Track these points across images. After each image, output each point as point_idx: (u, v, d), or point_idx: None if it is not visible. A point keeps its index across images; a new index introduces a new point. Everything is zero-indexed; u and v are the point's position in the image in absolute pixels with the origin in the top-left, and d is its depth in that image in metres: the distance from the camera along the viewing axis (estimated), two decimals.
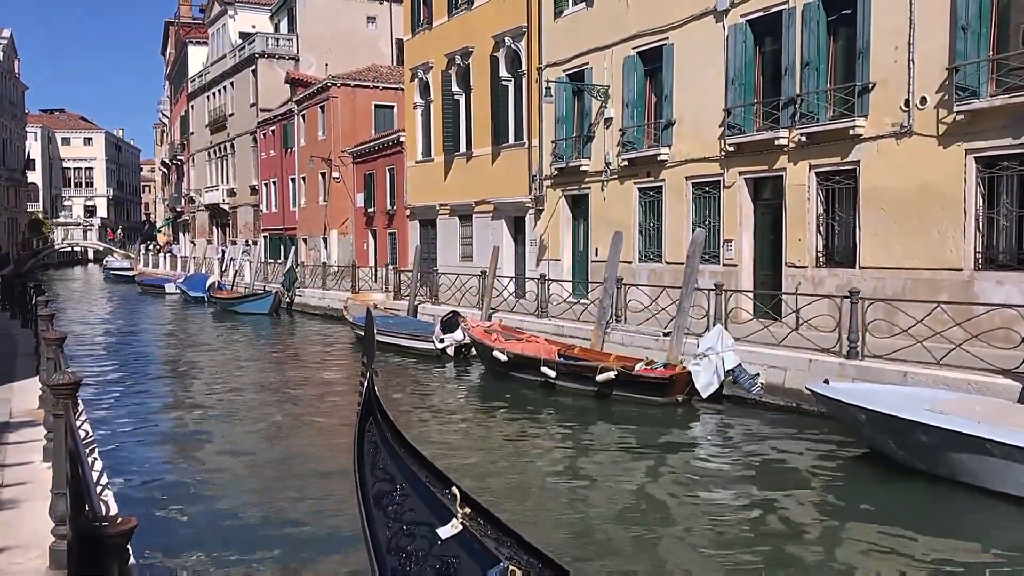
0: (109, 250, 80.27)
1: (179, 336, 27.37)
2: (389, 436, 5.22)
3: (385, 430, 5.28)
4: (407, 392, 16.26)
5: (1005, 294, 12.75)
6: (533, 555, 4.08)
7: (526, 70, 24.68)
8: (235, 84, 52.73)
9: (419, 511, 4.63)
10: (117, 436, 12.06)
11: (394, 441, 5.19)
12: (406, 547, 4.44)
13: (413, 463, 4.97)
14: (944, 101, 13.91)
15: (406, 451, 5.08)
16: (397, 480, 4.89)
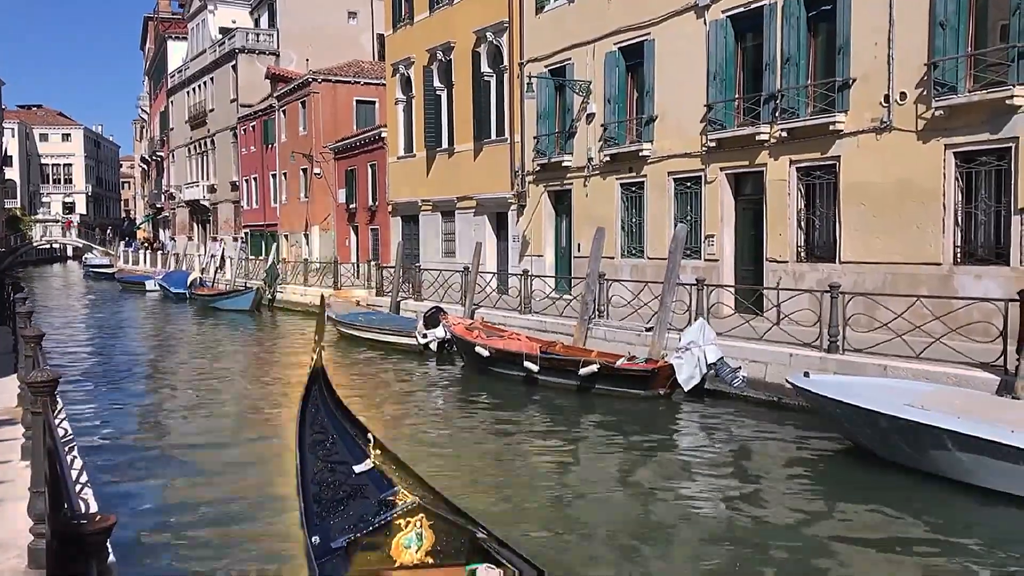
0: (89, 247, 79.57)
1: (160, 333, 27.19)
2: (329, 400, 6.41)
3: (327, 395, 6.46)
4: (389, 388, 16.24)
5: (983, 288, 12.86)
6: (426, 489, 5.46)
7: (508, 65, 24.67)
8: (215, 79, 52.38)
9: (342, 454, 5.87)
10: (97, 434, 11.98)
11: (332, 404, 6.40)
12: (327, 479, 5.64)
13: (344, 420, 6.28)
14: (923, 97, 14.02)
15: (341, 412, 6.38)
16: (328, 432, 6.13)
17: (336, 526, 5.20)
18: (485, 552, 5.02)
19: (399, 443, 11.36)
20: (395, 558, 4.99)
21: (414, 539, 5.05)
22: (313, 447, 5.94)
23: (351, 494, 5.45)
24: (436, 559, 5.09)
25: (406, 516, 5.07)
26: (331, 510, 5.40)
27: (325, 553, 4.97)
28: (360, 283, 30.25)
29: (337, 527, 5.18)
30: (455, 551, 5.12)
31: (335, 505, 5.43)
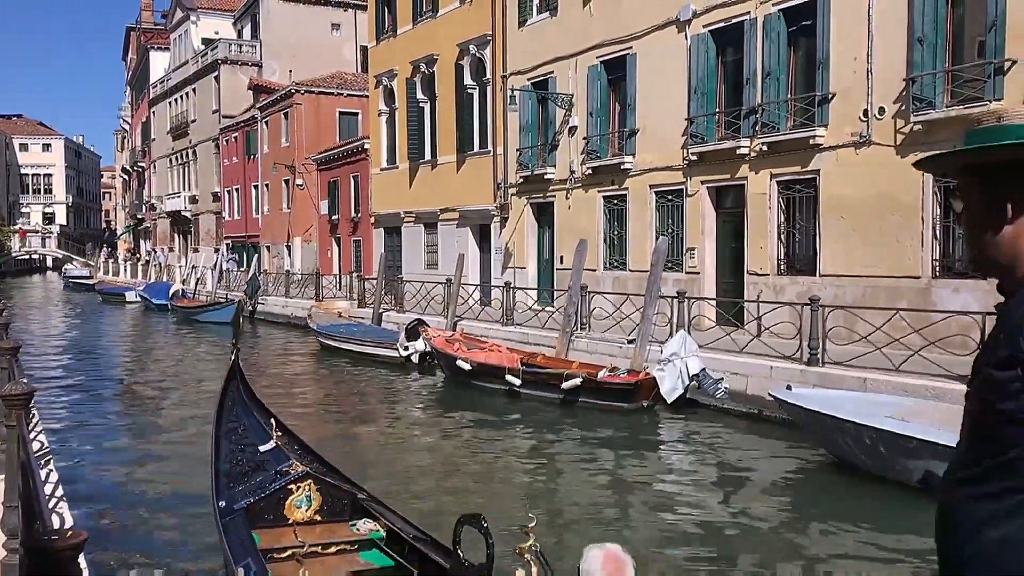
0: (69, 257, 78.96)
1: (140, 346, 26.98)
2: (243, 392, 7.31)
3: (241, 388, 7.33)
4: (370, 400, 16.18)
5: (962, 301, 12.96)
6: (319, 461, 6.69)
7: (491, 78, 24.73)
8: (197, 90, 52.24)
9: (251, 437, 6.81)
10: (74, 448, 11.85)
11: (246, 395, 7.30)
12: (237, 458, 6.57)
13: (255, 408, 7.21)
14: (902, 111, 14.16)
15: (253, 402, 7.28)
16: (241, 420, 7.03)
17: (240, 493, 6.14)
18: (365, 510, 6.16)
19: (375, 458, 11.32)
20: (288, 517, 6.00)
21: (304, 500, 6.06)
22: (228, 433, 6.80)
23: (255, 468, 6.45)
24: (324, 516, 6.13)
25: (297, 482, 6.06)
26: (238, 482, 6.33)
27: (228, 514, 5.87)
28: (342, 295, 30.14)
29: (240, 494, 6.13)
30: (340, 509, 6.19)
31: (241, 478, 6.37)
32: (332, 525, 6.11)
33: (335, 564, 5.71)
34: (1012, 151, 1.67)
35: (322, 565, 5.66)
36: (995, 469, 1.65)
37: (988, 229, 1.74)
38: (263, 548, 5.53)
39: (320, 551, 5.77)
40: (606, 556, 3.41)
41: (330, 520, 6.13)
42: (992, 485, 1.65)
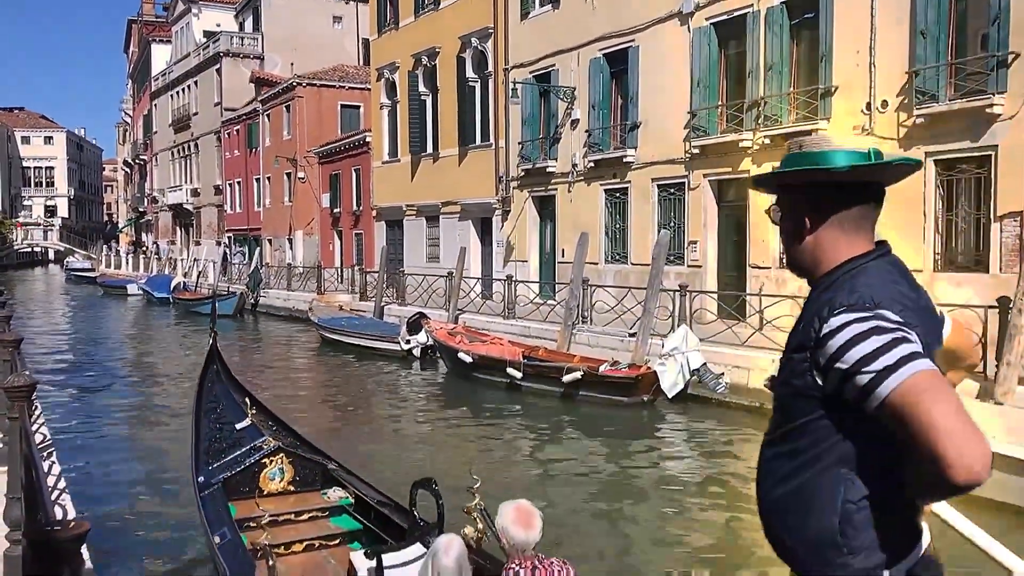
0: (70, 250, 79.02)
1: (141, 338, 27.01)
2: (222, 373, 7.68)
3: (220, 370, 7.70)
4: (372, 393, 16.20)
5: (964, 295, 12.96)
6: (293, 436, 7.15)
7: (493, 71, 24.70)
8: (199, 83, 52.18)
9: (229, 416, 7.16)
10: (77, 439, 11.87)
11: (225, 377, 7.68)
12: (215, 435, 6.92)
13: (233, 389, 7.57)
14: (904, 105, 14.13)
15: (232, 383, 7.65)
16: (220, 400, 7.36)
17: (217, 468, 6.48)
18: (335, 479, 6.61)
19: (383, 450, 11.34)
20: (263, 488, 6.45)
21: (277, 473, 6.53)
22: (207, 413, 7.18)
23: (232, 445, 6.80)
24: (296, 487, 6.60)
25: (269, 456, 6.52)
26: (216, 458, 6.67)
27: (206, 488, 6.23)
28: (344, 288, 30.15)
29: (217, 469, 6.47)
30: (311, 480, 6.66)
31: (219, 454, 6.72)
32: (304, 494, 6.55)
33: (307, 530, 6.16)
34: (804, 175, 2.03)
35: (295, 531, 6.12)
36: (787, 435, 2.00)
37: (795, 239, 2.10)
38: (239, 518, 5.92)
39: (293, 519, 6.23)
40: (517, 508, 3.92)
41: (302, 490, 6.58)
42: (784, 447, 2.01)
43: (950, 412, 1.67)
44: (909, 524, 1.92)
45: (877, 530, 1.87)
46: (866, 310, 1.84)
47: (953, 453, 1.63)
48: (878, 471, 1.86)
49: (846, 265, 2.00)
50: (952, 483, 1.64)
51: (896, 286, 1.97)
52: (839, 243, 2.04)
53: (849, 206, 2.05)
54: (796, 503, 1.96)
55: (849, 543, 1.88)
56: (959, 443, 1.63)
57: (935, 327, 2.06)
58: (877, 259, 2.04)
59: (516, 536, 3.85)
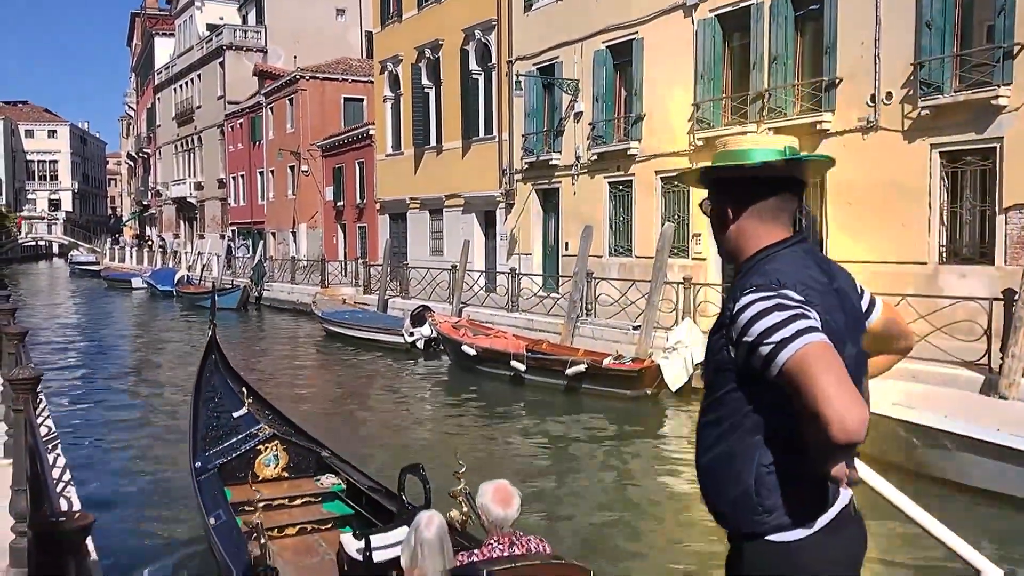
0: (75, 244, 79.11)
1: (145, 331, 27.06)
2: (220, 364, 7.89)
3: (218, 360, 7.91)
4: (375, 386, 16.21)
5: (968, 287, 12.92)
6: (288, 424, 7.31)
7: (496, 63, 24.64)
8: (202, 76, 52.15)
9: (226, 405, 7.35)
10: (82, 432, 11.91)
11: (223, 367, 7.88)
12: (213, 423, 7.13)
13: (230, 379, 7.74)
14: (909, 96, 14.07)
15: (229, 373, 7.85)
16: (218, 389, 7.56)
17: (214, 454, 6.71)
18: (328, 466, 6.83)
19: (384, 441, 11.35)
20: (258, 474, 6.62)
21: (272, 459, 6.76)
22: (205, 402, 7.39)
23: (228, 432, 7.00)
24: (290, 473, 6.82)
25: (265, 443, 6.75)
26: (213, 444, 6.90)
27: (203, 472, 6.48)
28: (348, 281, 30.18)
29: (214, 455, 6.69)
30: (305, 466, 6.88)
31: (216, 441, 6.94)
32: (298, 480, 6.78)
33: (300, 514, 6.37)
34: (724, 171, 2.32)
35: (288, 515, 6.32)
36: (711, 406, 2.23)
37: (721, 229, 2.33)
38: (234, 502, 6.07)
39: (287, 503, 6.46)
40: (497, 487, 4.11)
41: (296, 476, 6.82)
42: (710, 417, 2.23)
43: (834, 381, 1.88)
44: (817, 485, 2.10)
45: (788, 491, 2.10)
46: (771, 290, 2.06)
47: (834, 415, 1.84)
48: (785, 438, 2.06)
49: (762, 252, 2.23)
50: (833, 441, 1.86)
51: (806, 270, 2.18)
52: (758, 231, 2.26)
53: (766, 198, 2.27)
54: (720, 469, 2.20)
55: (763, 503, 2.11)
56: (839, 407, 1.85)
57: (849, 307, 2.26)
58: (791, 247, 2.25)
59: (495, 513, 4.04)
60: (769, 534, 2.13)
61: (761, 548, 2.14)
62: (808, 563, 2.12)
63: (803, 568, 2.13)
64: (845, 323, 2.18)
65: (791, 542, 2.12)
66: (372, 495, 6.20)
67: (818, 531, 2.13)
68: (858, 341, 2.26)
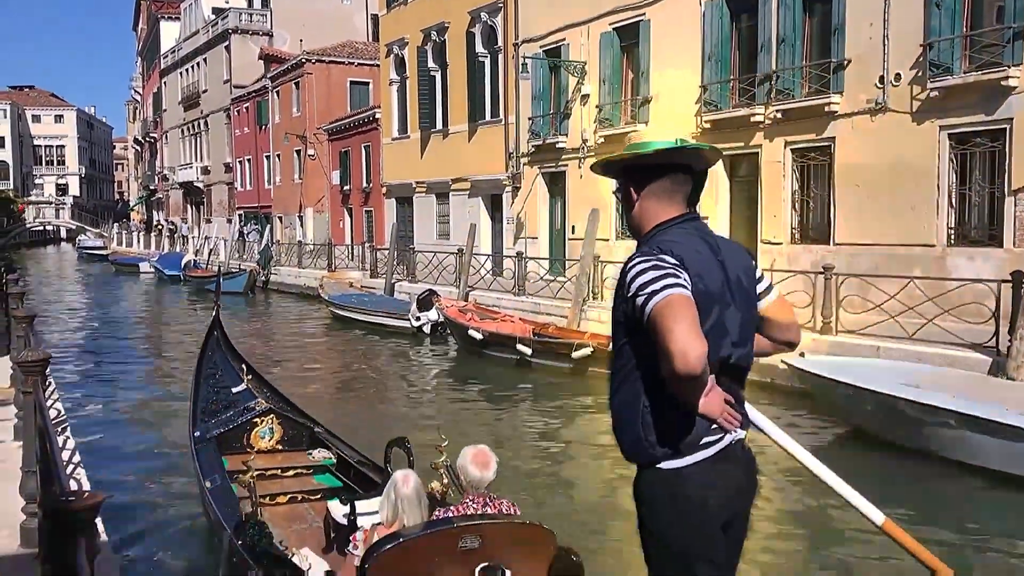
0: (82, 228, 79.30)
1: (153, 315, 27.15)
2: (222, 342, 8.23)
3: (220, 339, 8.24)
4: (382, 370, 16.25)
5: (976, 269, 12.88)
6: (283, 400, 7.69)
7: (502, 46, 24.53)
8: (208, 60, 52.08)
9: (226, 381, 7.68)
10: (91, 415, 11.98)
11: (224, 346, 8.21)
12: (212, 398, 7.46)
13: (231, 357, 8.07)
14: (918, 78, 13.98)
15: (230, 351, 8.17)
16: (219, 367, 7.90)
17: (212, 425, 7.01)
18: (321, 441, 7.12)
19: (387, 423, 11.38)
20: (254, 445, 6.89)
21: (267, 432, 7.05)
22: (207, 378, 7.72)
23: (227, 406, 7.33)
24: (284, 446, 7.12)
25: (260, 416, 7.06)
26: (212, 416, 7.21)
27: (201, 441, 6.81)
28: (354, 265, 30.20)
29: (212, 426, 7.01)
30: (298, 440, 7.17)
31: (215, 413, 7.25)
32: (291, 453, 7.08)
33: (292, 484, 6.69)
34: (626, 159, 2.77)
35: (280, 485, 6.64)
36: (616, 354, 2.68)
37: (628, 209, 2.81)
38: (230, 470, 6.35)
39: (280, 474, 6.77)
40: (476, 451, 4.37)
41: (290, 449, 7.12)
42: (615, 366, 2.68)
43: (684, 325, 2.34)
44: (690, 420, 2.55)
45: (666, 427, 2.56)
46: (652, 255, 2.54)
47: (678, 350, 2.31)
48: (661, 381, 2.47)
49: (656, 227, 2.71)
50: (675, 372, 2.33)
51: (688, 241, 2.62)
52: (656, 210, 2.73)
53: (661, 179, 2.72)
54: (620, 410, 2.65)
55: (649, 438, 2.58)
56: (683, 344, 2.31)
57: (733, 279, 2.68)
58: (682, 223, 2.71)
59: (472, 474, 4.31)
60: (659, 463, 2.59)
61: (654, 475, 2.62)
62: (690, 486, 2.58)
63: (687, 490, 2.58)
64: (722, 289, 2.61)
65: (677, 469, 2.58)
66: (360, 468, 6.49)
67: (701, 461, 2.59)
68: (743, 309, 2.69)
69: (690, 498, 2.58)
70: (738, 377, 2.78)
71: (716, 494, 2.60)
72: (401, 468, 5.43)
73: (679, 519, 2.60)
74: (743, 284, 2.72)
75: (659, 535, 2.67)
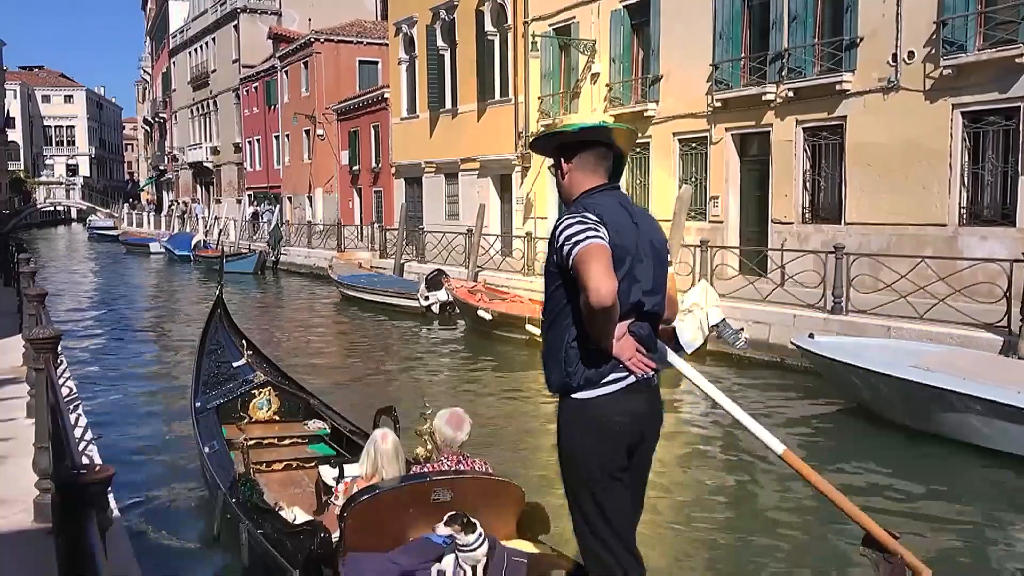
0: (93, 209, 79.49)
1: (162, 294, 27.26)
2: (224, 320, 8.59)
3: (223, 317, 8.59)
4: (392, 350, 16.28)
5: (989, 249, 12.80)
6: (280, 374, 7.99)
7: (512, 24, 24.38)
8: (217, 40, 51.95)
9: (227, 356, 8.03)
10: (103, 392, 12.04)
11: (227, 323, 8.57)
12: (214, 371, 7.80)
13: (232, 333, 8.44)
14: (931, 55, 13.85)
15: (232, 328, 8.53)
16: (223, 344, 8.24)
17: (213, 396, 7.34)
18: (316, 412, 7.38)
19: (394, 402, 11.41)
20: (252, 415, 7.26)
21: (264, 403, 7.36)
22: (209, 353, 8.06)
23: (227, 379, 7.65)
24: (281, 417, 7.42)
25: (258, 388, 7.37)
26: (212, 388, 7.53)
27: (202, 411, 7.12)
28: (364, 245, 30.23)
29: (213, 396, 7.33)
30: (295, 412, 7.46)
31: (216, 385, 7.57)
32: (288, 424, 7.38)
33: (287, 453, 6.95)
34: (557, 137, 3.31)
35: (277, 453, 6.89)
36: (546, 300, 3.19)
37: (560, 180, 3.31)
38: (228, 438, 6.67)
39: (276, 443, 7.06)
40: (450, 414, 4.72)
41: (286, 420, 7.42)
42: (545, 309, 3.20)
43: (599, 267, 2.88)
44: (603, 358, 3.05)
45: (582, 363, 3.06)
46: (577, 214, 3.06)
47: (592, 286, 2.85)
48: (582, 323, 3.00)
49: (583, 194, 3.20)
50: (590, 304, 2.86)
51: (609, 205, 3.13)
52: (582, 179, 3.24)
53: (586, 152, 3.23)
54: (549, 347, 3.16)
55: (568, 370, 3.08)
56: (596, 282, 2.85)
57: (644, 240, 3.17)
58: (604, 191, 3.21)
59: (446, 433, 4.64)
60: (574, 392, 3.10)
61: (570, 403, 3.13)
62: (596, 412, 3.07)
63: (592, 414, 3.08)
64: (635, 245, 3.10)
65: (587, 399, 3.09)
66: (352, 437, 6.75)
67: (609, 393, 3.08)
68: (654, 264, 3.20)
69: (594, 420, 3.08)
70: (652, 323, 3.28)
71: (619, 420, 3.09)
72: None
73: (584, 439, 3.11)
74: (655, 245, 3.24)
75: (568, 453, 3.17)
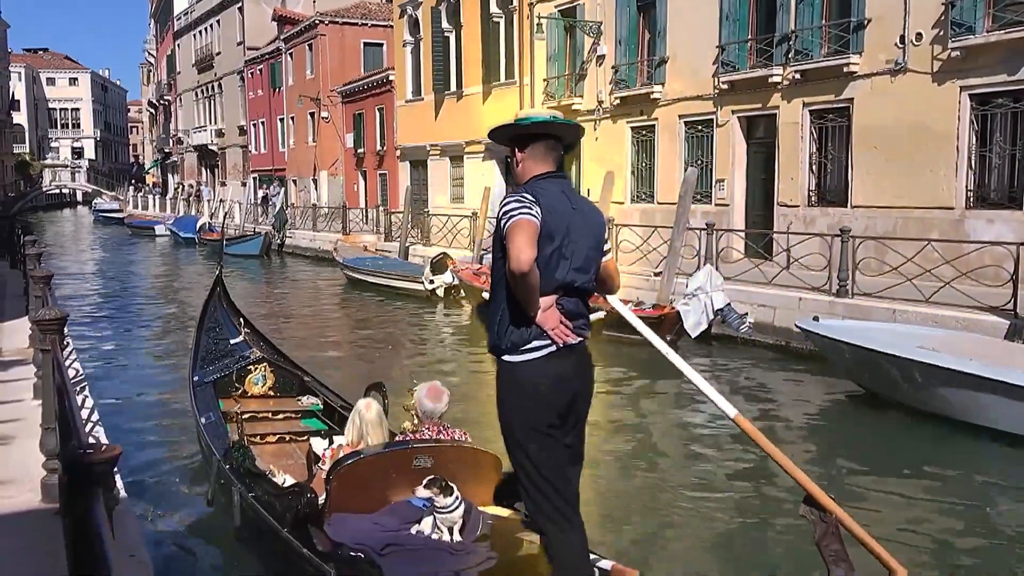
0: (98, 192, 79.50)
1: (168, 276, 27.30)
2: (223, 298, 8.73)
3: (222, 295, 8.75)
4: (396, 332, 16.31)
5: (996, 232, 12.76)
6: (275, 351, 8.19)
7: (517, 6, 24.26)
8: (221, 22, 51.77)
9: (225, 334, 8.21)
10: (109, 373, 12.10)
11: (225, 302, 8.71)
12: (212, 348, 7.99)
13: (230, 312, 8.57)
14: (939, 37, 13.75)
15: (231, 307, 8.67)
16: (221, 322, 8.42)
17: (210, 371, 7.61)
18: (309, 388, 7.64)
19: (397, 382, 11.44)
20: (248, 390, 7.55)
21: (260, 379, 7.62)
22: (207, 331, 8.26)
23: (225, 355, 7.88)
24: (276, 392, 7.69)
25: (254, 364, 7.65)
26: (210, 363, 7.76)
27: (199, 385, 7.38)
28: (369, 228, 30.23)
29: (210, 371, 7.60)
30: (289, 387, 7.72)
31: (213, 361, 7.81)
32: (282, 399, 7.62)
33: (281, 426, 7.18)
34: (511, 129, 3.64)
35: (271, 427, 7.14)
36: (492, 269, 3.64)
37: (515, 166, 3.64)
38: (224, 411, 6.93)
39: (270, 417, 7.31)
40: (429, 387, 5.01)
41: (281, 396, 7.68)
42: (493, 278, 3.62)
43: (524, 239, 3.26)
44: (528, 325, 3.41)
45: (512, 328, 3.43)
46: (519, 195, 3.43)
47: (513, 254, 3.24)
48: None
49: (531, 179, 3.55)
50: (511, 268, 3.26)
51: (550, 190, 3.48)
52: (532, 166, 3.59)
53: (536, 143, 3.58)
54: (491, 312, 3.53)
55: (499, 334, 3.48)
56: (517, 251, 3.23)
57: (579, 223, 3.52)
58: (548, 178, 3.55)
59: (426, 405, 4.91)
60: (505, 355, 3.48)
61: (502, 365, 3.51)
62: (524, 375, 3.45)
63: (521, 378, 3.46)
64: (567, 226, 3.44)
65: (515, 362, 3.46)
66: (343, 413, 6.85)
67: (534, 358, 3.43)
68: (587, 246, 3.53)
69: (524, 384, 3.45)
70: (583, 298, 3.60)
71: (544, 383, 3.43)
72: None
73: (516, 401, 3.47)
74: (592, 231, 3.58)
75: (503, 413, 3.53)
